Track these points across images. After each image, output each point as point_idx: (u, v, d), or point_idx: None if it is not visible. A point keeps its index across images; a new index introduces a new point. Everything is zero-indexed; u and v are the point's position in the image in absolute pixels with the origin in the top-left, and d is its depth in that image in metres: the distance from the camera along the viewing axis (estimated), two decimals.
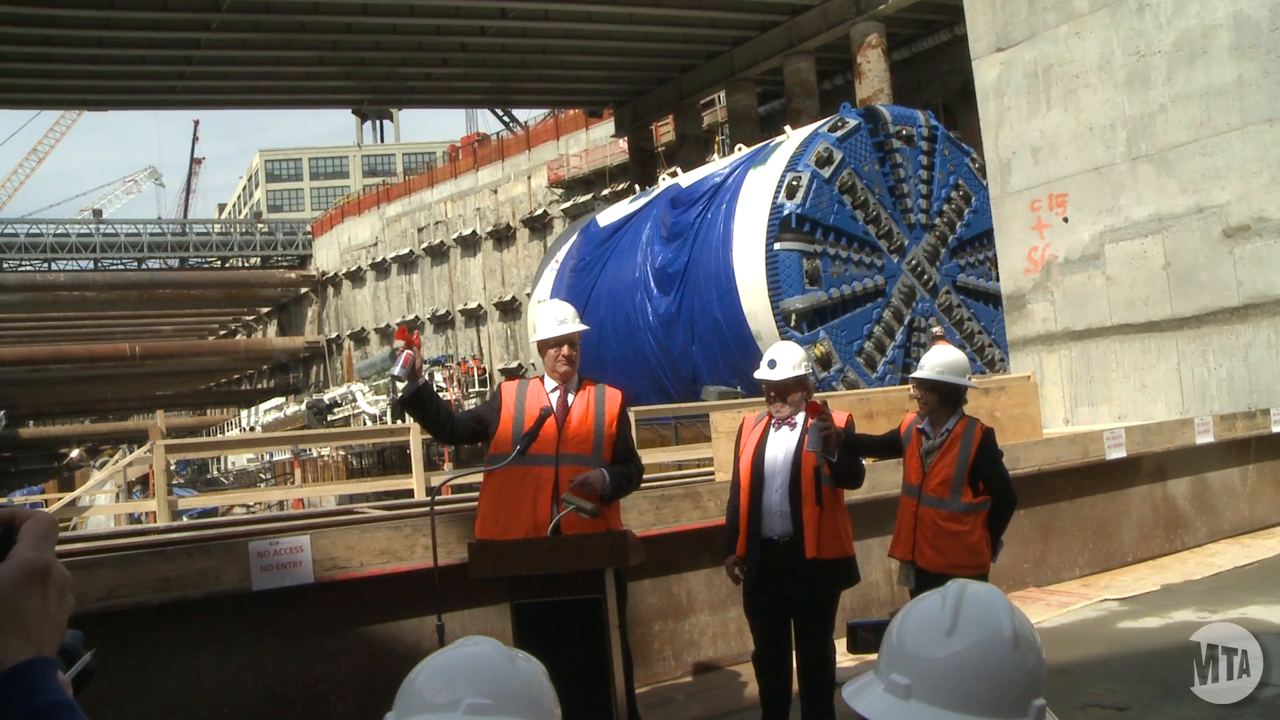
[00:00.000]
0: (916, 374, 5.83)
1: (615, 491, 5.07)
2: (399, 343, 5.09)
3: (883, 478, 7.75)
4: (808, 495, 5.18)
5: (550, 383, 5.26)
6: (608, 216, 25.22)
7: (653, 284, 21.05)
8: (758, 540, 5.26)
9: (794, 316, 17.93)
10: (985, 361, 19.36)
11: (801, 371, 5.35)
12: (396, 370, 5.05)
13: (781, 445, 5.30)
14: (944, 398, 5.66)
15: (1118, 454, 9.75)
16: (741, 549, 5.35)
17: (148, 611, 5.36)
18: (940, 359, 5.74)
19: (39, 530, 1.13)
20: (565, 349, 5.20)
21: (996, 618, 1.52)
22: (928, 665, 1.49)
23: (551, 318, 5.28)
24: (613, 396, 5.30)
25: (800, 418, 5.32)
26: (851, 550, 5.34)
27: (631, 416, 7.59)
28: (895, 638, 1.57)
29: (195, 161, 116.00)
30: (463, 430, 5.30)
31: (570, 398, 5.22)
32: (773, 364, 5.37)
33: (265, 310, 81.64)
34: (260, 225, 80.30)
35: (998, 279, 15.51)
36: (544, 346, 5.25)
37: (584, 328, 5.32)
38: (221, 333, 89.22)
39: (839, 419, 5.31)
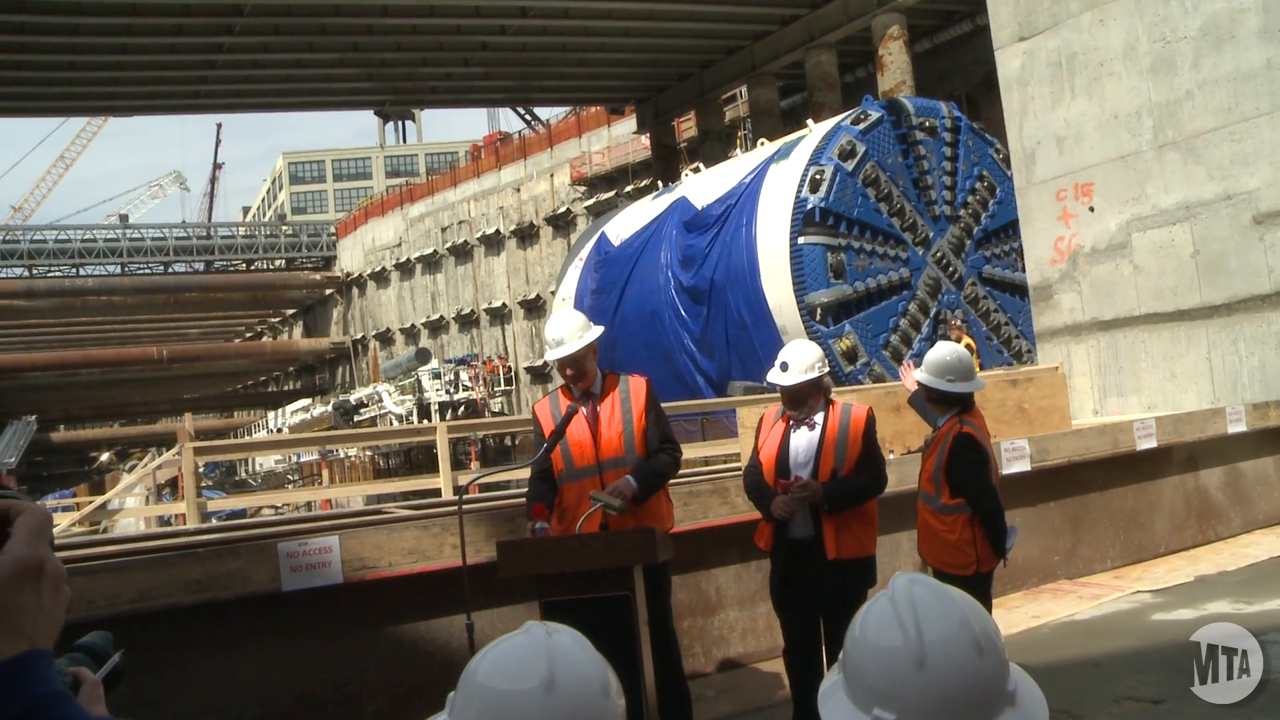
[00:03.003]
0: (916, 374, 5.80)
1: (645, 490, 5.05)
2: (540, 524, 5.01)
3: (911, 471, 7.71)
4: None
5: (576, 390, 5.27)
6: (617, 229, 25.17)
7: (681, 308, 21.04)
8: (784, 540, 5.24)
9: (819, 310, 17.89)
10: (1013, 353, 19.25)
11: (815, 374, 5.18)
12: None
13: (802, 446, 5.23)
14: (935, 397, 5.62)
15: (1148, 444, 9.66)
16: (766, 544, 5.34)
17: (179, 613, 5.39)
18: (930, 356, 5.66)
19: (33, 525, 1.11)
20: (568, 370, 5.18)
21: (959, 634, 1.53)
22: (910, 702, 1.51)
23: (549, 338, 5.21)
24: (637, 389, 5.26)
25: (820, 416, 5.25)
26: (872, 549, 5.27)
27: None
28: (860, 665, 1.57)
29: (217, 165, 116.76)
30: (550, 474, 5.26)
31: (597, 404, 5.22)
32: (785, 366, 5.21)
33: (290, 312, 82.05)
34: (284, 227, 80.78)
35: (1024, 270, 15.41)
36: (556, 364, 5.25)
37: (584, 342, 5.16)
38: (248, 335, 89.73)
39: (859, 413, 5.29)
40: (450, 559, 5.88)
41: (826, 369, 5.32)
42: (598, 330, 5.28)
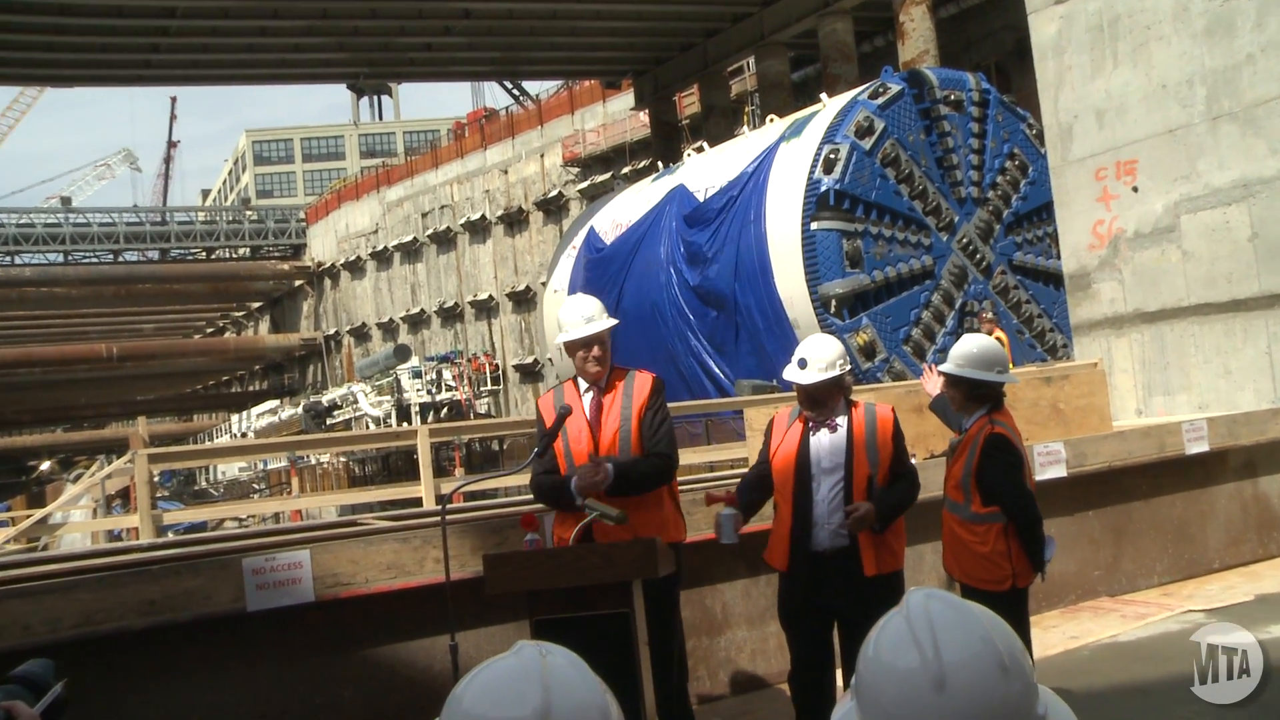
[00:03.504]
0: (940, 365, 5.77)
1: (620, 482, 4.99)
2: (531, 536, 5.02)
3: (934, 477, 7.68)
4: None
5: (583, 384, 5.28)
6: (608, 220, 25.09)
7: (687, 309, 20.96)
8: (804, 553, 5.18)
9: (834, 302, 17.87)
10: (1046, 348, 19.24)
11: (836, 372, 5.15)
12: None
13: (826, 450, 5.20)
14: (968, 392, 5.58)
15: (1199, 448, 9.62)
16: (781, 559, 5.30)
17: (131, 637, 5.35)
18: (961, 348, 5.65)
19: None
20: (594, 349, 5.18)
21: (981, 654, 1.54)
22: None
23: (576, 315, 5.22)
24: (641, 384, 5.27)
25: (843, 420, 5.23)
26: (903, 562, 5.32)
27: None
28: (875, 689, 1.57)
29: (172, 143, 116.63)
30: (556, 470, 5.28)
31: (601, 397, 5.23)
32: (803, 363, 5.17)
33: (256, 305, 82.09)
34: (248, 213, 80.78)
35: (1058, 257, 15.38)
36: (571, 348, 5.23)
37: (612, 323, 5.26)
38: (208, 330, 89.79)
39: (885, 413, 5.27)
40: (432, 574, 5.86)
41: (849, 366, 5.30)
42: (613, 320, 5.32)
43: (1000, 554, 5.38)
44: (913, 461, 8.37)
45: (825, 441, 5.22)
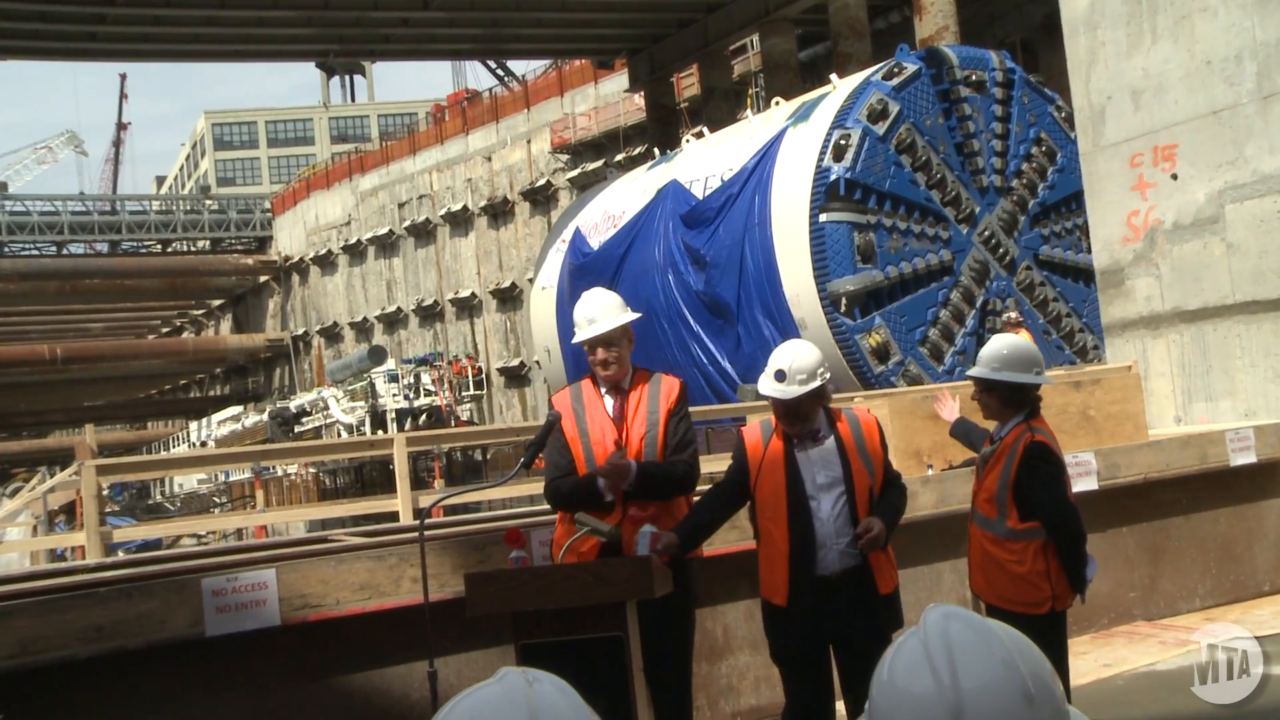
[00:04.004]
0: (969, 370, 5.76)
1: (643, 484, 5.10)
2: (516, 553, 5.04)
3: (954, 489, 7.67)
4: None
5: (603, 385, 5.36)
6: (597, 213, 25.05)
7: (691, 319, 20.91)
8: (810, 581, 5.12)
9: (844, 301, 17.85)
10: (1075, 349, 19.24)
11: (817, 383, 5.12)
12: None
13: (819, 465, 5.17)
14: (1004, 398, 5.56)
15: (1245, 459, 9.62)
16: (779, 590, 5.24)
17: (76, 667, 5.33)
18: (994, 350, 5.65)
19: None
20: (600, 352, 5.28)
21: (1003, 680, 1.53)
22: None
23: (580, 314, 5.34)
24: (668, 388, 5.38)
25: (828, 430, 5.21)
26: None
27: None
28: (888, 716, 1.57)
29: (122, 125, 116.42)
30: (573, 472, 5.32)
31: (624, 400, 5.31)
32: (780, 375, 5.12)
33: (217, 303, 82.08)
34: (209, 202, 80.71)
35: (1089, 251, 15.38)
36: (585, 348, 5.36)
37: (627, 318, 5.36)
38: (164, 330, 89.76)
39: (868, 418, 5.33)
40: (410, 595, 5.85)
41: (829, 374, 5.27)
42: (634, 314, 5.41)
43: (1039, 574, 5.35)
44: (929, 472, 8.42)
45: (815, 456, 5.18)
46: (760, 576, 5.34)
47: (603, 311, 5.29)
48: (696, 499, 5.59)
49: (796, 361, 5.11)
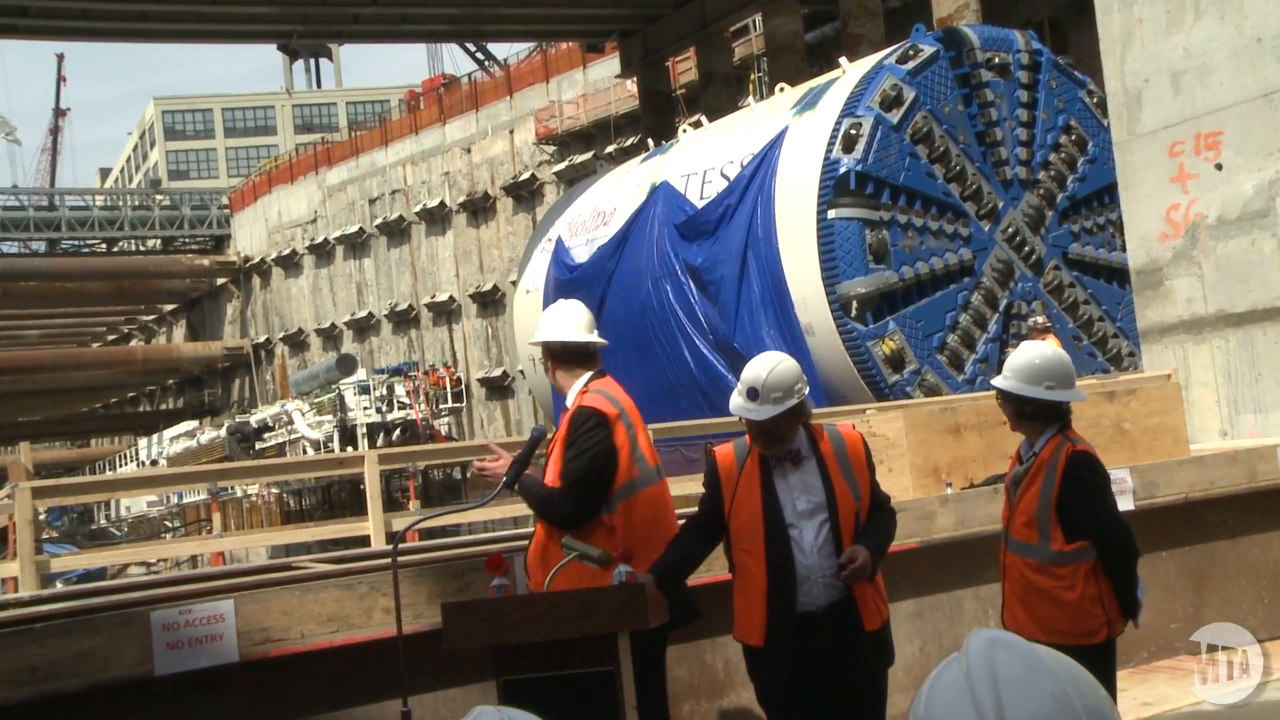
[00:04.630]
0: (993, 380, 5.75)
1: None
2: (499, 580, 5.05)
3: (975, 510, 7.65)
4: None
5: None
6: (585, 209, 25.01)
7: (695, 338, 20.85)
8: (791, 617, 5.08)
9: (855, 304, 17.86)
10: (1109, 356, 19.26)
11: (794, 400, 5.06)
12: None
13: (798, 489, 5.14)
14: (1031, 411, 5.55)
15: None
16: (755, 630, 5.20)
17: (6, 713, 5.28)
18: (1020, 360, 5.63)
19: None
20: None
21: (1055, 716, 1.50)
22: None
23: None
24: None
25: (809, 450, 5.18)
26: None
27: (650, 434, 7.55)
28: None
29: (60, 112, 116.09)
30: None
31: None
32: (753, 393, 5.07)
33: (169, 308, 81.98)
34: (159, 197, 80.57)
35: (1124, 248, 15.40)
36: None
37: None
38: (110, 338, 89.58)
39: (852, 435, 5.35)
40: (382, 627, 5.83)
41: (806, 389, 5.20)
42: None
43: (1091, 598, 5.32)
44: (948, 491, 8.41)
45: (794, 480, 5.15)
46: (735, 614, 5.29)
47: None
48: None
49: (771, 377, 5.05)
